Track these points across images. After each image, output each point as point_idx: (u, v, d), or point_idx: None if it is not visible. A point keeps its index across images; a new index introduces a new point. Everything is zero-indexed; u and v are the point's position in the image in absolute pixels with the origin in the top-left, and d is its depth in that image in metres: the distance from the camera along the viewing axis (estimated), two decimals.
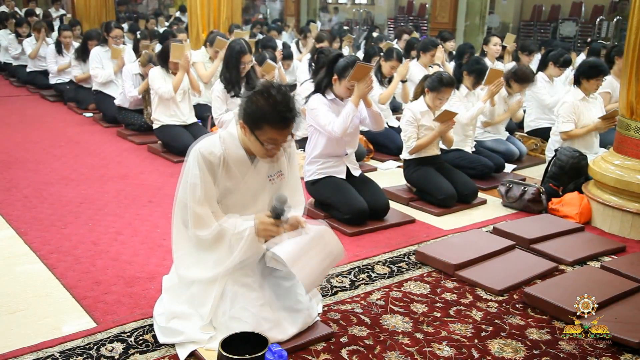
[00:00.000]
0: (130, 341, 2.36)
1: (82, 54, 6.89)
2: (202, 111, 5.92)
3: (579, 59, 6.97)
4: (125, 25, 10.02)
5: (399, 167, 5.02)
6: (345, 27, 12.21)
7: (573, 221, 3.86)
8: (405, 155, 4.28)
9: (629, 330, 2.48)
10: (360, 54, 7.88)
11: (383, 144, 5.39)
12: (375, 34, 10.84)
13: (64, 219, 3.68)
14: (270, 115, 2.17)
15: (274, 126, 2.19)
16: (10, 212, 3.77)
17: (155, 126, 5.28)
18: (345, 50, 8.43)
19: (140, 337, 2.39)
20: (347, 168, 3.83)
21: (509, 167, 4.99)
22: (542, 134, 5.56)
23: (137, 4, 17.55)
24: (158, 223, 3.67)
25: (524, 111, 5.68)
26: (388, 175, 4.92)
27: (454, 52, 7.73)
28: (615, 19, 12.51)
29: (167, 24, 11.53)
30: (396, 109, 6.44)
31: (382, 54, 5.62)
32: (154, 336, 2.38)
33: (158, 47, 7.31)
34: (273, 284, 2.46)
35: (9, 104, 7.45)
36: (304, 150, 5.10)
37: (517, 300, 2.84)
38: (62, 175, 4.58)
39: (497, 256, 3.27)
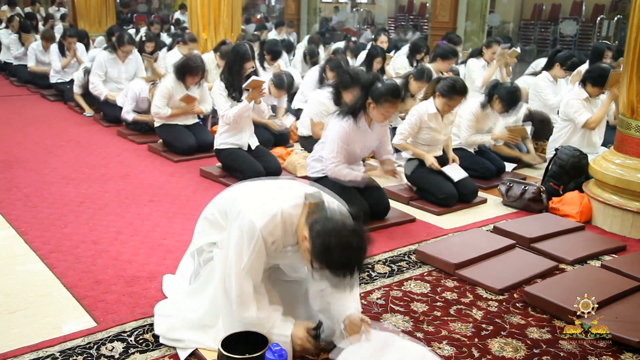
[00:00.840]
0: (131, 340, 2.36)
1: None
2: None
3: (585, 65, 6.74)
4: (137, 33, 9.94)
5: (399, 166, 5.01)
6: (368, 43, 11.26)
7: (573, 220, 3.86)
8: (406, 154, 4.28)
9: (630, 329, 2.48)
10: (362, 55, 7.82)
11: None
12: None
13: (64, 218, 3.68)
14: (336, 268, 1.97)
15: (334, 273, 2.02)
16: (10, 211, 3.77)
17: (156, 124, 5.28)
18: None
19: (141, 337, 2.39)
20: None
21: (509, 166, 4.98)
22: None
23: (138, 4, 17.52)
24: (158, 222, 3.67)
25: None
26: None
27: (460, 55, 7.76)
28: (615, 18, 12.51)
29: (172, 29, 11.42)
30: None
31: (413, 74, 5.37)
32: (154, 335, 2.38)
33: (161, 57, 7.23)
34: (284, 289, 2.42)
35: (10, 103, 7.45)
36: (303, 150, 5.11)
37: (517, 299, 2.84)
38: (63, 174, 4.58)
39: (498, 255, 3.26)
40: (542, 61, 7.45)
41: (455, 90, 4.00)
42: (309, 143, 4.87)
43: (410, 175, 4.26)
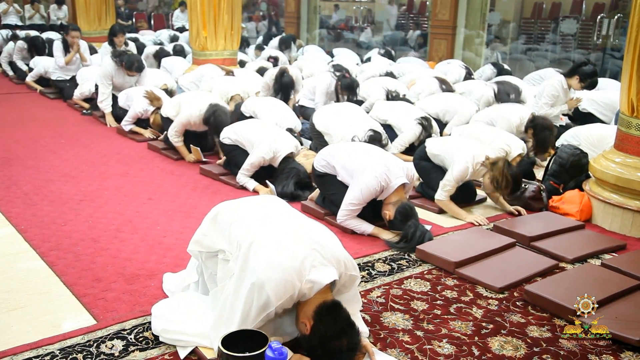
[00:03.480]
0: (130, 338, 2.36)
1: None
2: None
3: None
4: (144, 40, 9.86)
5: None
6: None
7: (573, 219, 3.86)
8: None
9: (630, 328, 2.48)
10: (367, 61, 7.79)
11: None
12: (381, 52, 9.79)
13: (64, 216, 3.67)
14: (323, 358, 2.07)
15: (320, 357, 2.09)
16: (10, 209, 3.76)
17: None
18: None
19: (140, 335, 2.39)
20: None
21: None
22: None
23: (138, 1, 17.46)
24: (158, 220, 3.66)
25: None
26: None
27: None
28: (616, 17, 12.49)
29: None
30: None
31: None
32: (154, 334, 2.38)
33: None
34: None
35: (9, 101, 7.45)
36: (302, 148, 5.10)
37: (517, 297, 2.84)
38: (62, 172, 4.57)
39: (498, 254, 3.26)
40: (548, 72, 7.36)
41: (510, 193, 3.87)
42: (320, 142, 4.85)
43: (418, 163, 4.24)
